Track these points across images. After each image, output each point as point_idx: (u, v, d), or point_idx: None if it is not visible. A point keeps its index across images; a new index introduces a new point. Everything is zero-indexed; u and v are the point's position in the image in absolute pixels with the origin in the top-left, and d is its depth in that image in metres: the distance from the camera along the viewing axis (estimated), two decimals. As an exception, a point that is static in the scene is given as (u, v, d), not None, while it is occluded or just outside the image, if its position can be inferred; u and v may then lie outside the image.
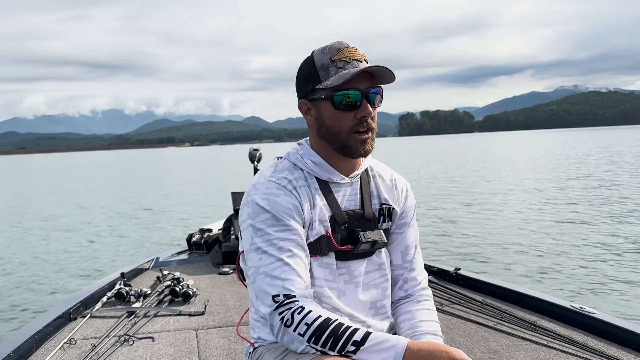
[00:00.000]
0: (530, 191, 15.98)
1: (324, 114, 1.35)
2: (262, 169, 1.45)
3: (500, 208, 12.71)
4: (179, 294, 3.34)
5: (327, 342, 1.17)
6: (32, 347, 2.56)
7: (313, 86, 1.34)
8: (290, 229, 1.31)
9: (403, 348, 1.12)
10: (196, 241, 4.72)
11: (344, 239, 1.39)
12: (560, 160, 31.27)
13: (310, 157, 1.41)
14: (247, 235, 1.34)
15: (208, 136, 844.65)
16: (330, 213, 1.39)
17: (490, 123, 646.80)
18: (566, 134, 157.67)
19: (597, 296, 5.79)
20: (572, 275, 6.58)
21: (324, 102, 1.34)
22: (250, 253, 1.32)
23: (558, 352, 2.36)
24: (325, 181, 1.40)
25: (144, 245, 10.07)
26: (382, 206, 1.48)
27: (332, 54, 1.32)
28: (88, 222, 13.71)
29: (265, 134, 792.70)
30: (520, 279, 6.49)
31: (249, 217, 1.34)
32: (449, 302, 3.10)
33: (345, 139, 1.34)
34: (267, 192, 1.33)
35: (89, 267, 8.41)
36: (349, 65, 1.31)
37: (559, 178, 19.66)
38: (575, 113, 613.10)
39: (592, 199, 13.48)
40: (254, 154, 4.40)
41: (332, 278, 1.38)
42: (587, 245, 8.16)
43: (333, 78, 1.30)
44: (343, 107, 1.32)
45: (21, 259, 9.30)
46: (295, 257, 1.29)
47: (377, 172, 1.51)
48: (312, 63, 1.35)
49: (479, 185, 18.47)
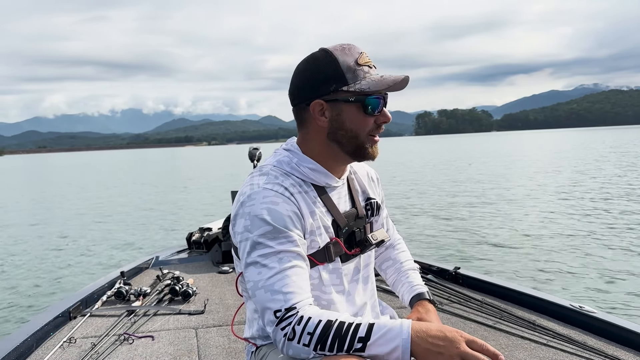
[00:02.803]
0: (532, 191, 15.99)
1: (346, 116, 1.32)
2: (252, 179, 1.36)
3: (502, 208, 12.71)
4: (179, 292, 3.34)
5: (334, 346, 1.14)
6: (32, 345, 2.57)
7: (337, 87, 1.30)
8: (291, 240, 1.27)
9: (408, 333, 1.10)
10: (196, 240, 4.72)
11: (346, 241, 1.41)
12: (568, 159, 31.22)
13: (306, 164, 1.37)
14: (244, 248, 1.28)
15: (225, 135, 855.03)
16: (332, 218, 1.38)
17: (509, 122, 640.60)
18: (586, 133, 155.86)
19: (596, 295, 5.79)
20: (571, 275, 6.58)
21: (349, 105, 1.31)
22: (248, 267, 1.27)
23: (557, 351, 2.37)
24: (322, 187, 1.39)
25: (143, 246, 10.07)
26: (368, 201, 1.52)
27: (355, 56, 1.30)
28: (93, 221, 13.72)
29: (282, 133, 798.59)
30: (519, 278, 6.49)
31: (246, 230, 1.28)
32: (448, 301, 3.10)
33: (362, 142, 1.34)
34: (266, 201, 1.28)
35: (89, 266, 8.42)
36: (373, 71, 1.31)
37: (563, 177, 19.67)
38: (596, 112, 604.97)
39: (592, 199, 13.48)
40: (253, 153, 4.39)
41: (339, 282, 1.40)
42: (587, 245, 8.16)
43: (367, 82, 1.29)
44: (371, 111, 1.31)
45: (27, 257, 9.31)
46: (296, 268, 1.25)
47: (354, 168, 1.54)
48: (336, 63, 1.30)
49: (482, 185, 18.47)
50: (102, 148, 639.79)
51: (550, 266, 7.03)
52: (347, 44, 1.33)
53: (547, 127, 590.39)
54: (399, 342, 1.09)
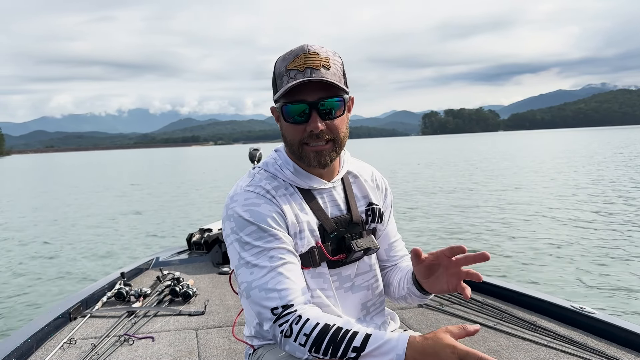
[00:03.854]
0: (534, 190, 15.98)
1: (281, 124, 1.34)
2: (238, 181, 1.39)
3: (501, 208, 12.70)
4: (179, 293, 3.34)
5: (328, 351, 1.14)
6: (32, 346, 2.56)
7: (274, 95, 1.32)
8: (277, 237, 1.27)
9: (403, 349, 1.08)
10: (196, 241, 4.72)
11: (335, 247, 1.37)
12: (573, 159, 31.17)
13: (288, 166, 1.37)
14: (234, 250, 1.29)
15: (231, 135, 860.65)
16: (318, 222, 1.35)
17: (516, 122, 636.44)
18: (594, 133, 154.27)
19: (597, 296, 5.79)
20: (572, 275, 6.58)
21: (279, 113, 1.32)
22: (240, 268, 1.27)
23: (558, 352, 2.36)
24: (307, 189, 1.37)
25: (143, 244, 10.07)
26: (370, 207, 1.46)
27: (289, 61, 1.27)
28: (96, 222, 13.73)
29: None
30: (520, 278, 6.48)
31: (232, 232, 1.29)
32: (449, 302, 3.10)
33: (297, 150, 1.31)
34: (247, 203, 1.29)
35: (89, 267, 8.42)
36: (300, 75, 1.24)
37: (566, 177, 19.66)
38: (604, 111, 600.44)
39: (593, 197, 13.48)
40: (254, 154, 4.39)
41: (326, 286, 1.37)
42: (587, 245, 8.15)
43: (282, 89, 1.26)
44: (291, 120, 1.29)
45: (26, 257, 9.32)
46: (288, 264, 1.25)
47: (357, 172, 1.49)
48: (274, 71, 1.32)
49: (485, 184, 18.46)
50: (110, 148, 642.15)
51: (550, 266, 7.02)
52: (298, 47, 1.29)
53: (554, 126, 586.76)
54: (392, 357, 1.08)
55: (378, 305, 1.48)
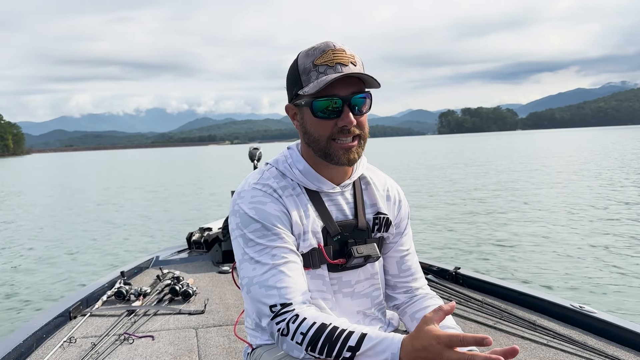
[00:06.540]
0: (536, 190, 15.98)
1: (306, 120, 1.32)
2: (247, 176, 1.40)
3: (502, 208, 12.71)
4: (179, 292, 3.34)
5: (323, 350, 1.15)
6: (32, 345, 2.57)
7: (296, 91, 1.30)
8: (281, 236, 1.28)
9: (398, 348, 1.08)
10: (196, 240, 4.72)
11: (337, 251, 1.37)
12: (570, 160, 31.14)
13: (297, 165, 1.36)
14: (238, 245, 1.31)
15: (247, 134, 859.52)
16: (322, 224, 1.35)
17: (534, 120, 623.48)
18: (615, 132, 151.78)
19: (597, 295, 5.79)
20: (572, 275, 6.58)
21: (306, 109, 1.30)
22: (242, 263, 1.29)
23: (558, 351, 2.37)
24: (315, 191, 1.37)
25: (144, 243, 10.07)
26: (378, 216, 1.44)
27: (316, 57, 1.26)
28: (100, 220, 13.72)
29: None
30: (520, 278, 6.48)
31: (237, 227, 1.31)
32: (448, 302, 3.09)
33: (325, 146, 1.30)
34: (254, 201, 1.30)
35: (89, 266, 8.42)
36: (331, 70, 1.24)
37: (568, 177, 19.65)
38: (624, 110, 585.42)
39: (594, 198, 13.48)
40: (253, 153, 4.39)
41: (325, 289, 1.37)
42: (587, 244, 8.15)
43: (312, 84, 1.25)
44: (322, 114, 1.27)
45: (27, 257, 9.32)
46: (290, 263, 1.26)
47: (370, 179, 1.47)
48: (296, 67, 1.30)
49: (486, 184, 18.47)
50: (127, 147, 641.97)
51: (550, 266, 7.02)
52: (321, 43, 1.29)
53: (573, 125, 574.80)
54: (387, 356, 1.09)
55: (377, 313, 1.48)
